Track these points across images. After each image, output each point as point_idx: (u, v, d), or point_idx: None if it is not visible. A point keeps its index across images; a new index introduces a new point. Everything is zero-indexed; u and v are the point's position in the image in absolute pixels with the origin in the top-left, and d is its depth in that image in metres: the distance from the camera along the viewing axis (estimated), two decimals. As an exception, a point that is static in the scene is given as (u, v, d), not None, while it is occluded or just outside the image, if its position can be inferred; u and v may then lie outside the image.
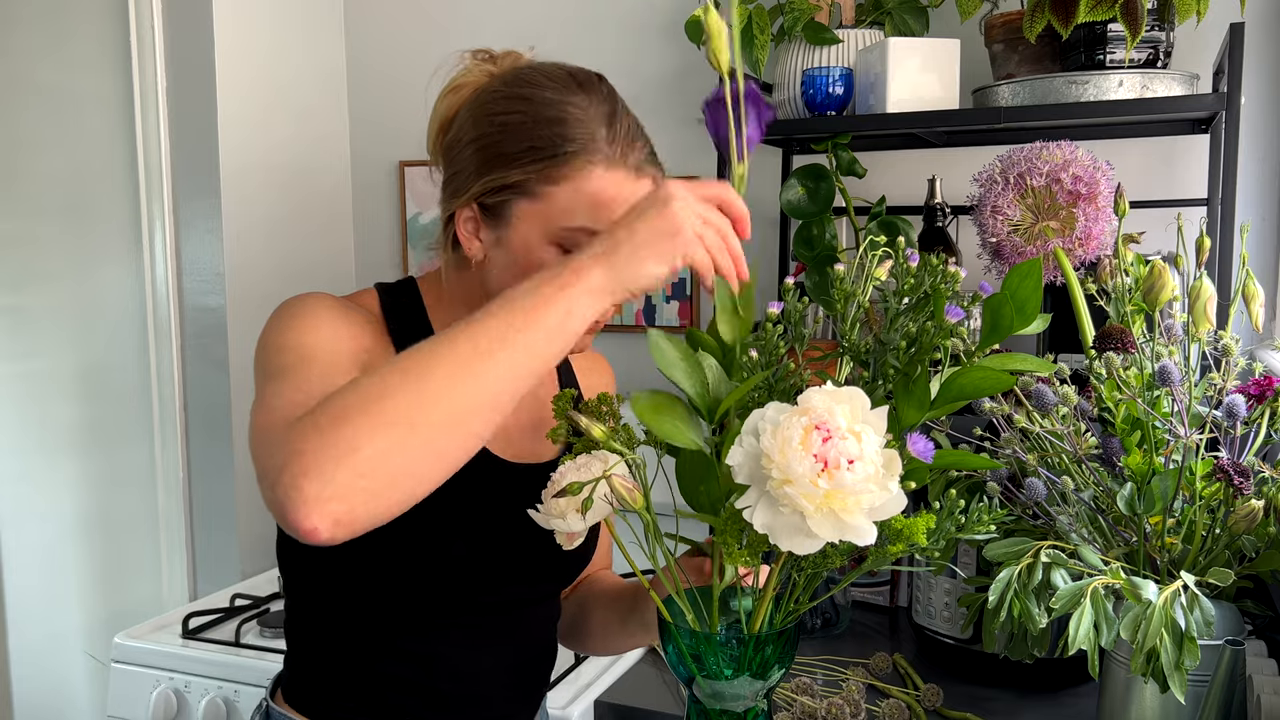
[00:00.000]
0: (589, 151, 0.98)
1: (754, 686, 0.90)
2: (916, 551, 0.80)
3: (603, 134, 0.99)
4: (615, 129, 1.00)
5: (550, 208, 0.97)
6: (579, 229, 0.97)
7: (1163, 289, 1.13)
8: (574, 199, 0.97)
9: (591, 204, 0.97)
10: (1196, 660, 0.92)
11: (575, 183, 0.97)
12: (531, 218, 0.98)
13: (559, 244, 0.98)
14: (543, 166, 0.97)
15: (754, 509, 0.75)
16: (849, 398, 0.75)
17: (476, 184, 1.00)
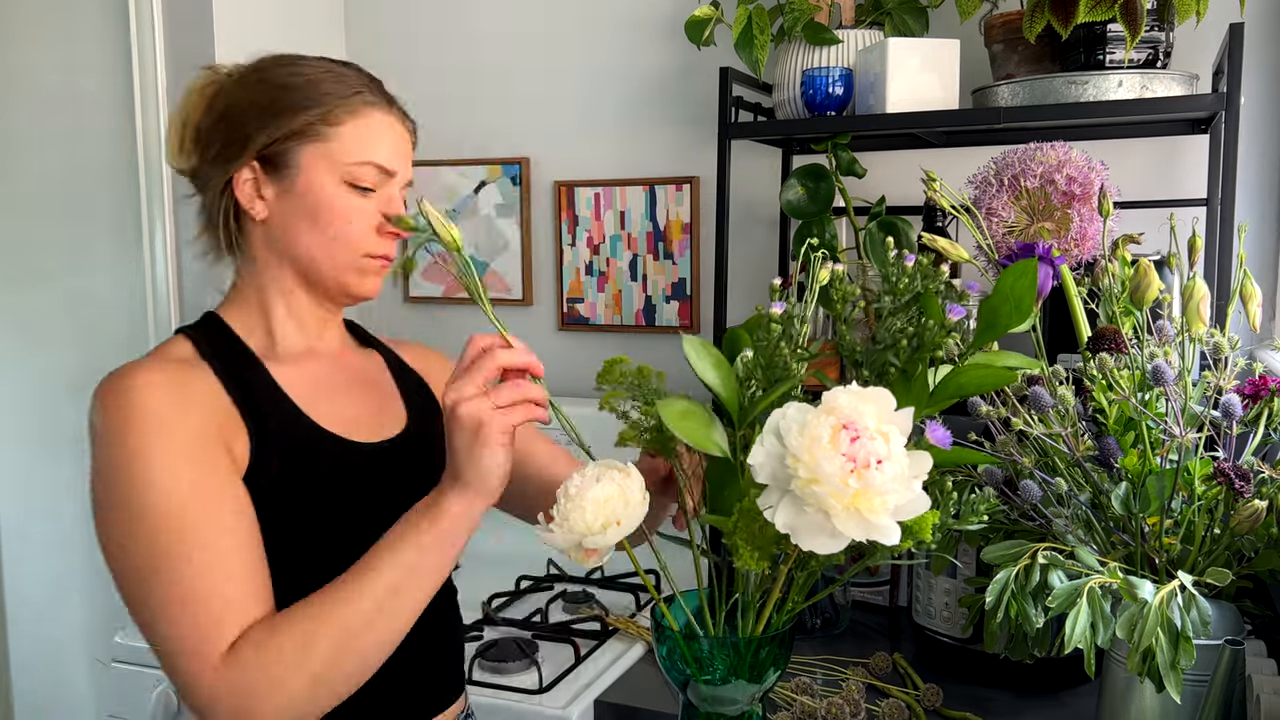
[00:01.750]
0: (366, 95, 1.10)
1: (749, 690, 0.90)
2: (920, 548, 0.80)
3: (367, 85, 1.12)
4: (378, 87, 1.14)
5: (338, 145, 1.07)
6: (366, 163, 1.08)
7: (1149, 288, 1.13)
8: (358, 137, 1.08)
9: (375, 139, 1.09)
10: (1192, 660, 0.92)
11: (358, 121, 1.09)
12: (319, 158, 1.07)
13: (348, 181, 1.08)
14: (328, 109, 1.07)
15: (776, 509, 0.76)
16: (875, 398, 0.75)
17: (259, 137, 1.07)
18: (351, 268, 1.11)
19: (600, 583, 1.92)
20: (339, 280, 1.11)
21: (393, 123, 1.12)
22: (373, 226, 1.10)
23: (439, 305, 2.33)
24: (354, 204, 1.08)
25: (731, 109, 1.75)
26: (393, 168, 1.11)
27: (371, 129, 1.09)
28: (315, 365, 1.14)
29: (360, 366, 1.21)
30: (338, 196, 1.08)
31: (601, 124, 2.14)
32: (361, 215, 1.09)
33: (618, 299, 2.16)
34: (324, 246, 1.09)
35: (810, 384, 0.92)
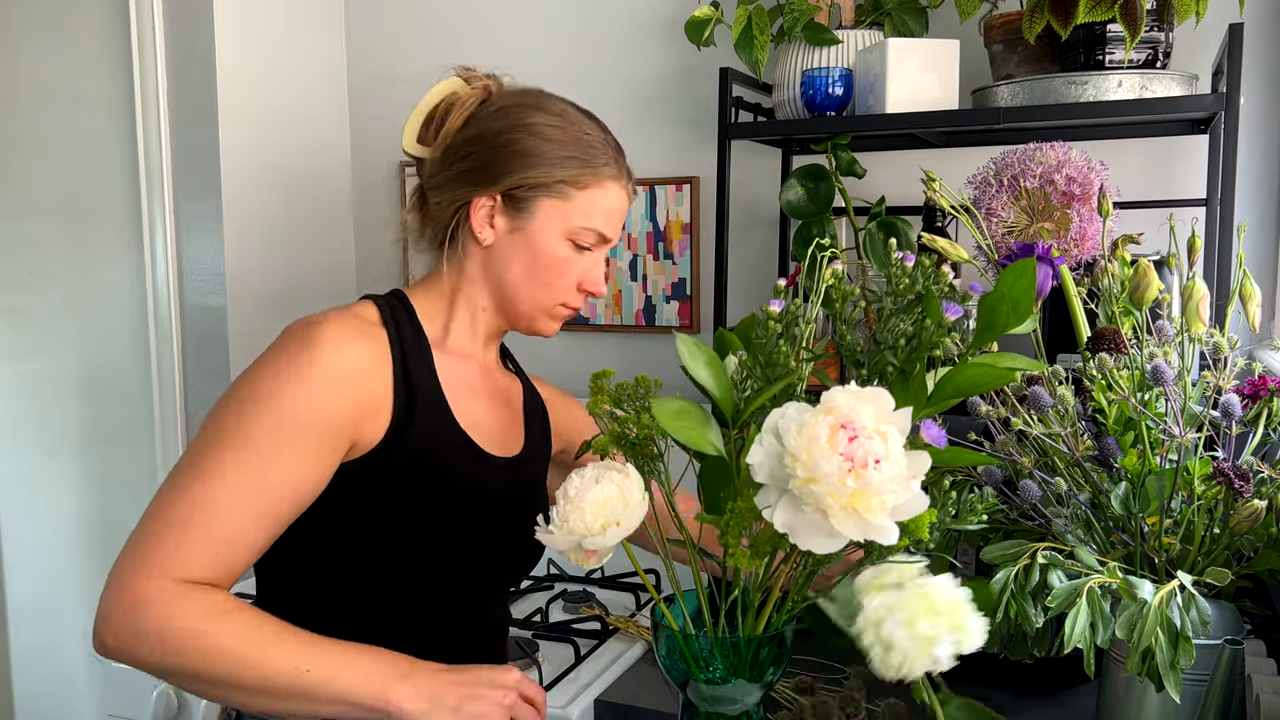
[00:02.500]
0: (610, 169, 1.19)
1: (749, 690, 0.90)
2: (918, 547, 0.80)
3: (615, 158, 1.21)
4: (621, 159, 1.22)
5: (574, 207, 1.17)
6: (590, 229, 1.18)
7: (1148, 288, 1.13)
8: (594, 204, 1.18)
9: (606, 211, 1.19)
10: (1192, 660, 0.92)
11: (597, 191, 1.18)
12: (554, 213, 1.17)
13: (572, 240, 1.18)
14: (577, 173, 1.16)
15: (774, 508, 0.76)
16: (873, 398, 0.75)
17: (512, 177, 1.16)
18: (546, 312, 1.21)
19: (600, 582, 1.92)
20: (530, 317, 1.22)
21: (623, 195, 1.21)
22: (576, 282, 1.20)
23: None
24: (570, 259, 1.18)
25: (731, 109, 1.75)
26: (611, 235, 1.21)
27: (607, 200, 1.19)
28: (470, 368, 1.22)
29: (504, 385, 1.30)
30: (559, 249, 1.17)
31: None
32: (572, 271, 1.19)
33: (618, 299, 2.16)
34: (531, 288, 1.19)
35: (811, 384, 0.92)
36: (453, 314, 1.22)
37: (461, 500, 1.15)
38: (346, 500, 1.09)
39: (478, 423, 1.20)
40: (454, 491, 1.14)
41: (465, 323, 1.22)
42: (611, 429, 0.89)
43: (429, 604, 1.16)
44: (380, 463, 1.09)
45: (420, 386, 1.13)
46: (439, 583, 1.16)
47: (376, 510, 1.10)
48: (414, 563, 1.13)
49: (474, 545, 1.16)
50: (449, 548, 1.14)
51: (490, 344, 1.27)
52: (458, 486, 1.15)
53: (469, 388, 1.21)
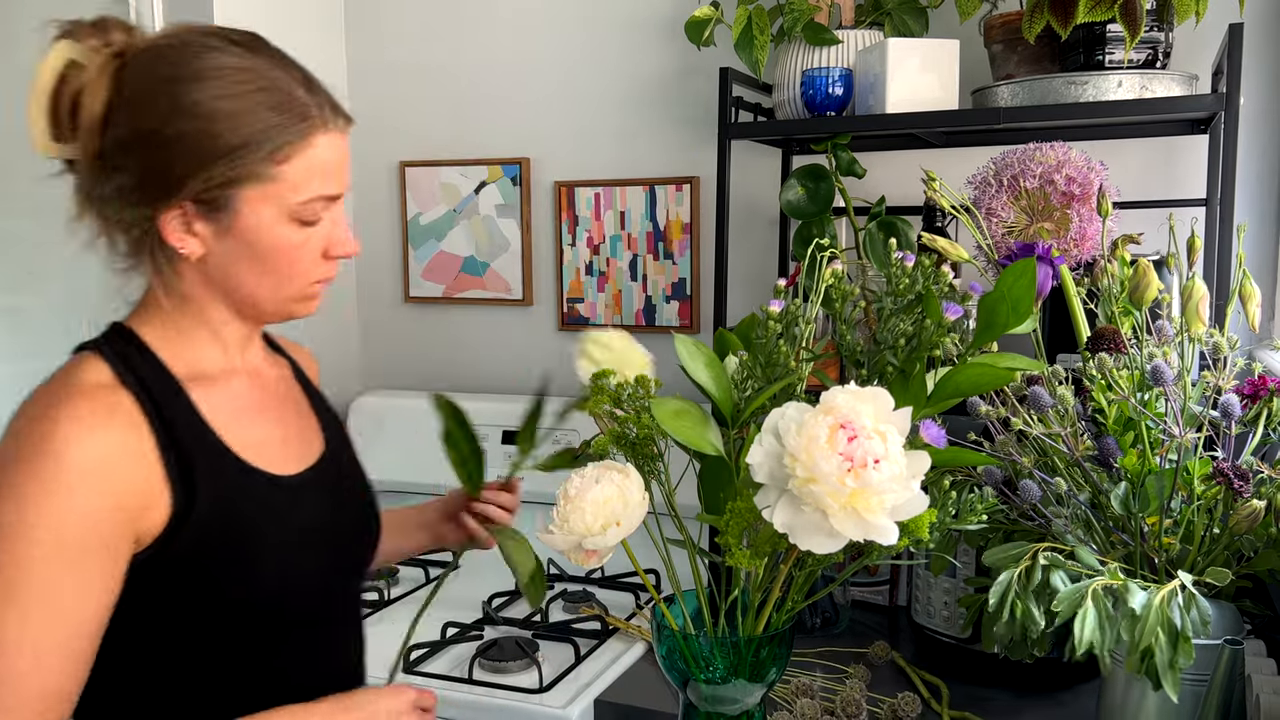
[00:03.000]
0: (312, 120, 0.97)
1: (749, 689, 0.90)
2: (918, 547, 0.81)
3: (309, 99, 0.99)
4: (315, 89, 1.01)
5: (283, 186, 0.96)
6: (315, 199, 0.97)
7: (1148, 288, 1.13)
8: (305, 172, 0.96)
9: (322, 171, 0.98)
10: (1191, 660, 0.92)
11: (304, 155, 0.96)
12: (261, 201, 0.96)
13: (299, 219, 0.98)
14: (271, 148, 0.94)
15: (773, 508, 0.76)
16: (872, 398, 0.75)
17: (192, 181, 0.94)
18: (296, 299, 1.03)
19: (600, 582, 1.92)
20: (283, 310, 1.04)
21: (336, 139, 1.00)
22: (320, 253, 1.01)
23: (439, 305, 2.33)
24: (301, 240, 0.99)
25: (731, 109, 1.75)
26: (340, 191, 1.00)
27: (319, 158, 0.97)
28: (236, 386, 1.05)
29: (276, 381, 1.13)
30: (284, 236, 0.98)
31: (601, 124, 2.15)
32: (308, 249, 1.00)
33: (618, 299, 2.16)
34: (268, 287, 1.00)
35: (810, 384, 0.93)
36: (191, 340, 1.02)
37: (271, 535, 1.00)
38: (152, 584, 0.94)
39: (263, 445, 1.04)
40: (261, 533, 0.99)
41: (208, 343, 1.03)
42: (611, 429, 0.89)
43: (273, 642, 1.03)
44: (175, 539, 0.94)
45: (188, 441, 0.96)
46: (278, 618, 1.03)
47: (189, 582, 0.95)
48: (241, 614, 0.99)
49: (301, 571, 1.03)
50: (274, 585, 1.00)
51: (249, 346, 1.08)
52: (261, 526, 1.00)
53: (242, 411, 1.04)
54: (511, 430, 2.06)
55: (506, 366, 2.28)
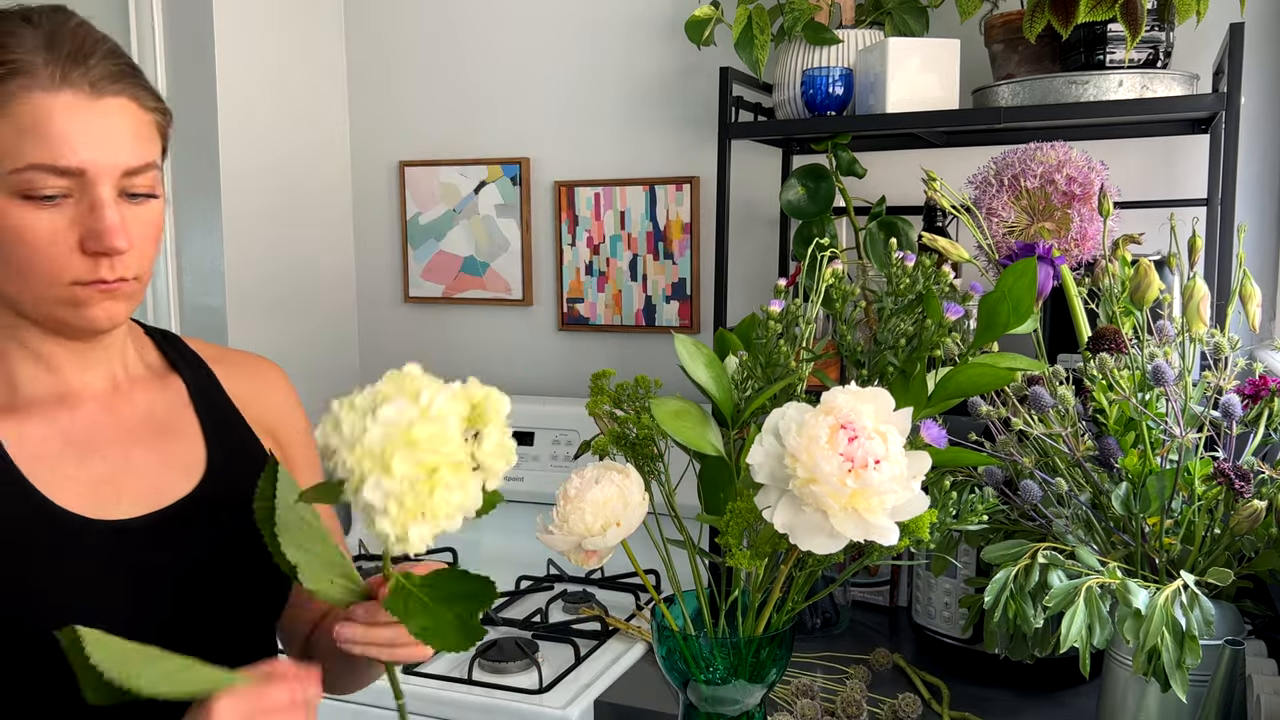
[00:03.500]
0: (21, 74, 0.83)
1: (750, 690, 0.90)
2: (918, 547, 0.80)
3: (41, 57, 0.84)
4: (58, 49, 0.84)
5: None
6: (34, 167, 0.82)
7: (1149, 288, 1.13)
8: (18, 134, 0.82)
9: (38, 135, 0.82)
10: (1198, 659, 0.92)
11: (16, 114, 0.82)
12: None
13: (21, 193, 0.83)
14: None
15: (774, 509, 0.76)
16: (873, 398, 0.75)
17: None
18: (60, 301, 0.86)
19: (600, 583, 1.92)
20: (52, 316, 0.88)
21: (72, 103, 0.84)
22: (73, 246, 0.85)
23: (439, 305, 2.33)
24: (38, 222, 0.83)
25: (731, 109, 1.75)
26: (74, 164, 0.83)
27: (31, 121, 0.83)
28: (69, 417, 0.92)
29: (143, 408, 0.97)
30: (12, 215, 0.83)
31: (601, 124, 2.14)
32: (52, 235, 0.84)
33: (618, 299, 2.16)
34: (14, 281, 0.86)
35: (811, 384, 0.92)
36: (7, 357, 0.91)
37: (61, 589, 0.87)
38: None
39: (99, 481, 0.91)
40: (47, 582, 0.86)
41: (22, 360, 0.91)
42: (611, 429, 0.89)
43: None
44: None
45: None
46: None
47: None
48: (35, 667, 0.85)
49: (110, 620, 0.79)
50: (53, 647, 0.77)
51: (88, 366, 0.94)
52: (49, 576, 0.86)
53: (70, 443, 0.91)
54: (511, 430, 2.06)
55: (506, 367, 2.28)
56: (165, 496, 0.94)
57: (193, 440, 0.99)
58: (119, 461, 0.93)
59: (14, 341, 0.91)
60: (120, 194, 0.87)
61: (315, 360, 2.25)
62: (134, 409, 0.97)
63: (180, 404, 1.00)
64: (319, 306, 2.28)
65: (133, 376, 0.98)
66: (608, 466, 0.86)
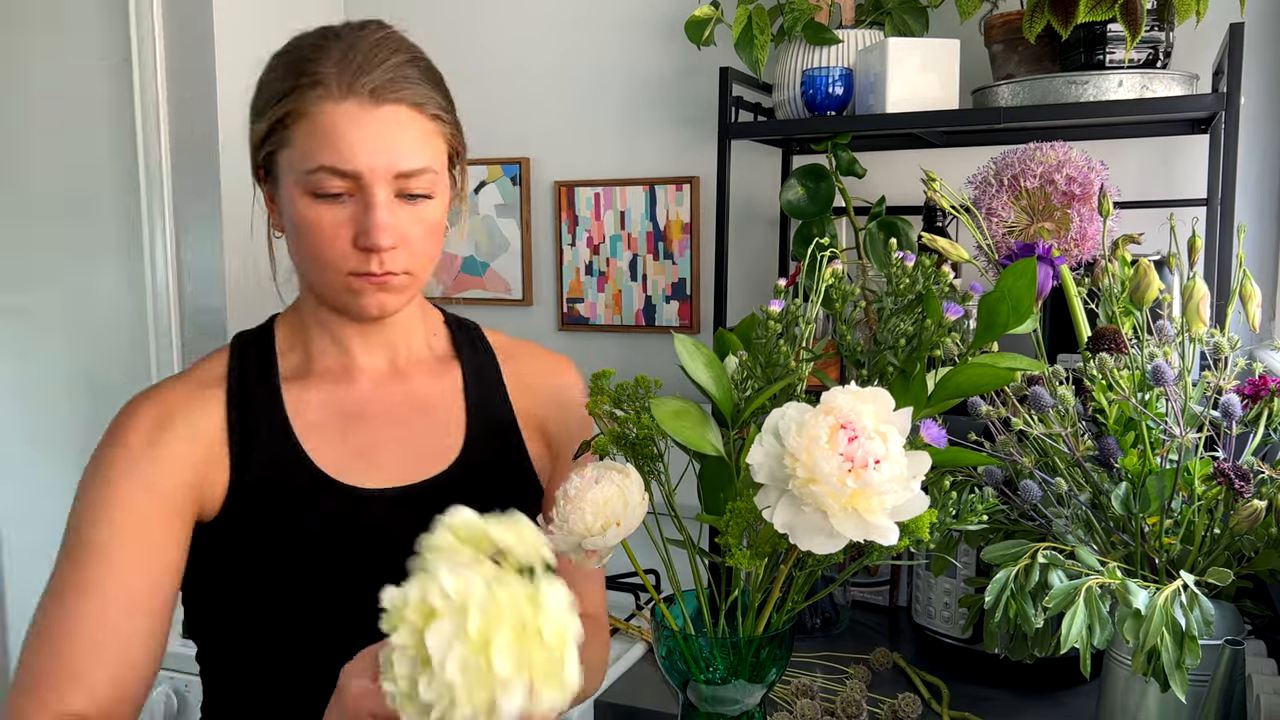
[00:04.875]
0: (317, 85, 0.93)
1: (750, 690, 0.90)
2: (918, 547, 0.80)
3: (333, 69, 0.94)
4: (349, 59, 0.94)
5: (296, 152, 0.94)
6: (321, 169, 0.93)
7: (1148, 288, 1.12)
8: (310, 138, 0.93)
9: (326, 140, 0.92)
10: (1198, 659, 0.92)
11: (311, 120, 0.93)
12: (287, 167, 0.95)
13: (312, 192, 0.94)
14: (282, 108, 0.94)
15: (774, 509, 0.76)
16: (873, 398, 0.75)
17: (255, 152, 0.99)
18: (341, 289, 0.97)
19: (600, 583, 1.92)
20: (336, 301, 0.99)
21: (354, 111, 0.93)
22: (349, 241, 0.95)
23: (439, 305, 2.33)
24: (323, 217, 0.94)
25: (731, 109, 1.75)
26: (352, 167, 0.93)
27: (321, 126, 0.93)
28: (346, 391, 1.04)
29: (414, 390, 1.07)
30: (302, 209, 0.94)
31: (601, 124, 2.14)
32: (328, 229, 0.94)
33: (618, 299, 2.16)
34: (309, 266, 0.98)
35: (811, 384, 0.92)
36: (308, 330, 1.05)
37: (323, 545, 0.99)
38: (214, 562, 1.00)
39: (361, 453, 1.01)
40: (310, 538, 0.98)
41: (319, 334, 1.04)
42: (611, 429, 0.89)
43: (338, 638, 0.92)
44: (233, 523, 0.98)
45: (261, 436, 0.99)
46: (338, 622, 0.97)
47: (244, 566, 0.99)
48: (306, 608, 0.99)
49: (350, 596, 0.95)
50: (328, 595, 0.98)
51: (370, 347, 1.05)
52: (309, 534, 0.98)
53: (343, 415, 1.02)
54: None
55: (506, 367, 2.28)
56: (414, 474, 1.02)
57: (454, 426, 1.06)
58: (378, 435, 1.02)
59: (314, 317, 1.03)
60: (397, 194, 0.95)
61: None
62: (405, 390, 1.06)
63: (453, 391, 1.08)
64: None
65: (414, 359, 1.08)
66: (608, 466, 0.86)
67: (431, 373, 1.08)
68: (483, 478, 1.06)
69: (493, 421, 1.08)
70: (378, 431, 1.03)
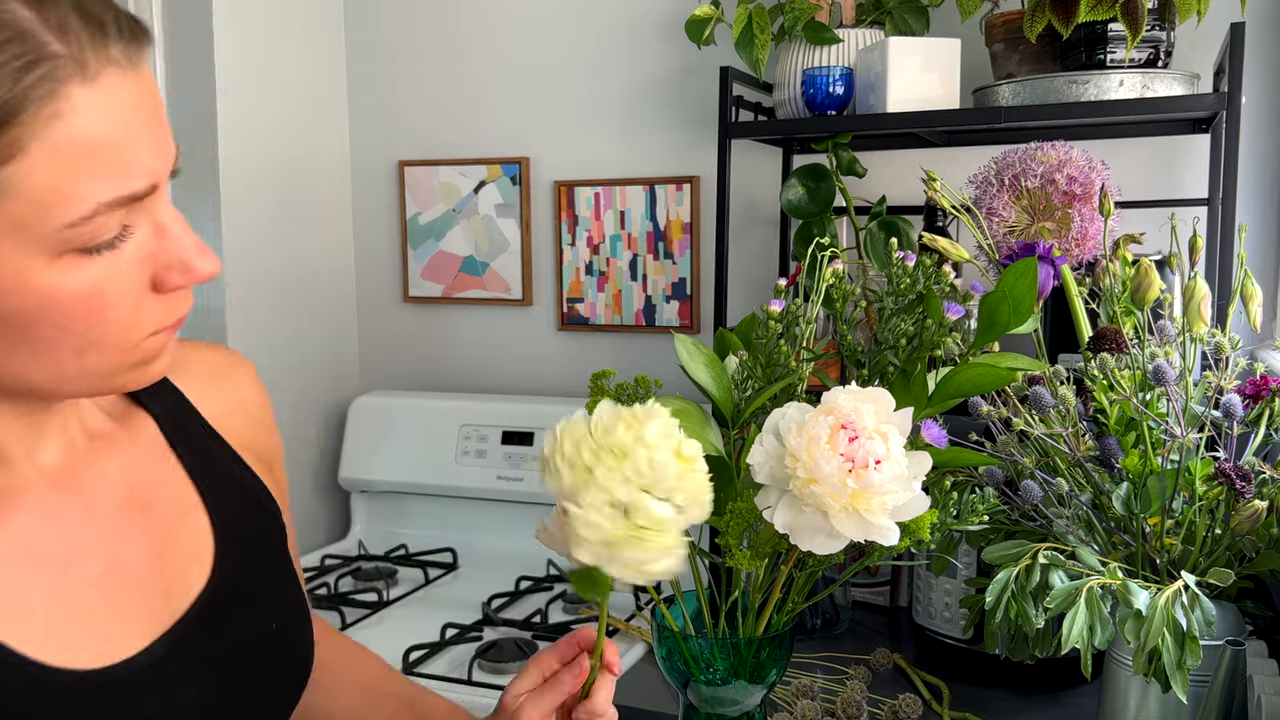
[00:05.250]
0: (45, 66, 0.52)
1: (750, 691, 0.90)
2: (919, 548, 0.80)
3: (41, 25, 0.53)
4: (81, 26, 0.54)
5: (26, 203, 0.53)
6: (96, 209, 0.55)
7: (1149, 288, 1.12)
8: (60, 166, 0.53)
9: (94, 156, 0.54)
10: (1199, 660, 0.92)
11: (44, 136, 0.52)
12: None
13: (72, 249, 0.55)
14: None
15: (774, 509, 0.76)
16: (874, 398, 0.75)
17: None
18: (129, 364, 0.62)
19: (600, 583, 1.92)
20: (102, 389, 0.63)
21: (111, 89, 0.55)
22: (144, 286, 0.60)
23: (438, 305, 2.33)
24: (96, 277, 0.57)
25: (732, 108, 1.75)
26: (153, 176, 0.58)
27: (84, 131, 0.54)
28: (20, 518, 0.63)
29: (115, 469, 0.70)
30: (59, 284, 0.56)
31: (601, 124, 2.14)
32: (120, 285, 0.58)
33: (618, 299, 2.16)
34: (65, 365, 0.59)
35: (811, 384, 0.92)
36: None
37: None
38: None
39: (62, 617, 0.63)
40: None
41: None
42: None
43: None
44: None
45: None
46: None
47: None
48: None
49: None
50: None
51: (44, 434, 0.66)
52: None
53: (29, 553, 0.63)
54: (511, 431, 2.06)
55: (506, 367, 2.28)
56: (167, 608, 0.68)
57: (187, 509, 0.73)
58: (90, 569, 0.65)
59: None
60: None
61: (314, 360, 2.24)
62: (94, 482, 0.68)
63: (158, 456, 0.72)
64: (318, 306, 2.27)
65: (92, 433, 0.70)
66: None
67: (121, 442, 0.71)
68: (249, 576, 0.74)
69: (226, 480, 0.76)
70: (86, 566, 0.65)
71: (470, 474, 2.07)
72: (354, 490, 2.20)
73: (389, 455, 2.14)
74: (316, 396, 2.23)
